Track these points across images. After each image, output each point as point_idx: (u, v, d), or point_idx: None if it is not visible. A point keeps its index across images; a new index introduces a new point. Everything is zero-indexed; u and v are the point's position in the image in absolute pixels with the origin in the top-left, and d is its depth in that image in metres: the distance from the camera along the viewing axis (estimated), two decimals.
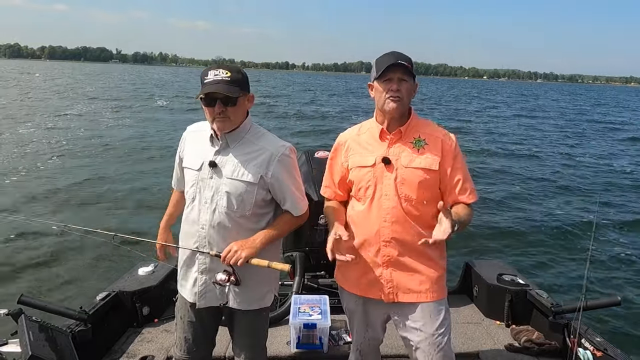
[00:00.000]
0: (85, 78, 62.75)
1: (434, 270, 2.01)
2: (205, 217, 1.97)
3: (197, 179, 2.00)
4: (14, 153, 12.46)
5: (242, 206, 1.96)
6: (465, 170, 2.00)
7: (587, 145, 19.06)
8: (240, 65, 2.29)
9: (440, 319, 1.99)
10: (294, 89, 58.38)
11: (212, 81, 1.86)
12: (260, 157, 1.95)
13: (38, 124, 18.31)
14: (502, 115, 31.90)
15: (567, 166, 14.05)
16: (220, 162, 1.96)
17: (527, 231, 7.77)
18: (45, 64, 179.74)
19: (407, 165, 1.94)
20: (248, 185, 1.94)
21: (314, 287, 3.46)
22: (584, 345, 2.74)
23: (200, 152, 2.00)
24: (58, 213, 7.66)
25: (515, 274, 3.57)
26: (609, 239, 7.52)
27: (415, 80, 1.94)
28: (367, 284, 2.05)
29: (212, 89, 1.84)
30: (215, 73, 1.87)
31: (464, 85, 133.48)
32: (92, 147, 13.85)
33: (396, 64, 1.87)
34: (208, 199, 1.97)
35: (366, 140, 2.04)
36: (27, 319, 2.32)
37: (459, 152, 2.00)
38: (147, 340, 3.09)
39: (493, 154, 15.83)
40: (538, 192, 10.57)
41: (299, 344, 2.98)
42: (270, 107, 29.93)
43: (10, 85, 35.75)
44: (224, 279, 1.96)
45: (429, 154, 1.95)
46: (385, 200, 1.95)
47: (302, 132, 19.06)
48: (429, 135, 1.99)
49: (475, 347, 3.11)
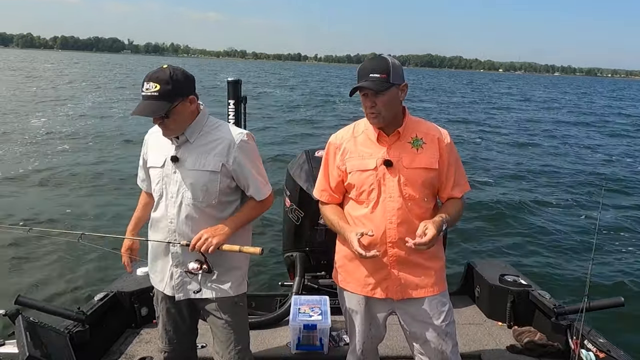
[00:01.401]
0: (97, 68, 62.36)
1: (436, 264, 2.08)
2: (172, 211, 2.04)
3: (162, 176, 2.06)
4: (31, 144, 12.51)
5: (208, 196, 2.02)
6: (459, 164, 2.09)
7: (593, 141, 18.92)
8: (252, 57, 2.30)
9: (445, 310, 2.08)
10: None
11: (143, 97, 1.91)
12: (220, 146, 2.01)
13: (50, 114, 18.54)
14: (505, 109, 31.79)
15: (570, 163, 13.99)
16: (182, 156, 2.02)
17: (529, 231, 7.72)
18: (58, 54, 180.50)
19: (409, 165, 1.97)
20: (211, 174, 2.00)
21: (314, 288, 3.44)
22: (586, 347, 2.73)
23: (162, 150, 2.07)
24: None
25: (518, 275, 3.55)
26: (613, 238, 7.48)
27: (401, 83, 1.93)
28: (373, 283, 2.07)
29: (139, 111, 1.89)
30: (146, 87, 1.90)
31: (479, 77, 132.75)
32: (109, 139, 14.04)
33: (364, 84, 1.88)
34: (174, 193, 2.03)
35: (363, 143, 2.04)
36: (25, 320, 2.30)
37: (454, 147, 2.07)
38: (145, 341, 3.08)
39: (492, 150, 15.82)
40: (540, 191, 10.53)
41: (299, 345, 2.96)
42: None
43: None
44: (195, 268, 2.01)
45: (428, 153, 1.99)
46: (389, 202, 1.97)
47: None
48: (425, 134, 2.02)
49: (477, 348, 3.09)
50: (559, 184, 11.28)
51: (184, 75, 1.95)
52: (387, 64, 1.90)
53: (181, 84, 1.93)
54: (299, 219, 3.43)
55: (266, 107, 24.73)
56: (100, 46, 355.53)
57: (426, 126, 2.05)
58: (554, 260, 6.58)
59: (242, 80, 3.64)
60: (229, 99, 3.53)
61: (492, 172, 12.37)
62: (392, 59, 1.94)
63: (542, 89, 67.39)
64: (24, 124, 16.04)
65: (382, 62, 1.91)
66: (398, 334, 2.66)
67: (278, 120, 20.32)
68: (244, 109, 3.58)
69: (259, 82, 50.29)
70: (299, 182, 3.37)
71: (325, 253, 3.52)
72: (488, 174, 12.09)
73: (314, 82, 57.72)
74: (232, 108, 3.51)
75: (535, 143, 17.81)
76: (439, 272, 2.08)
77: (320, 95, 35.45)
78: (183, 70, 1.97)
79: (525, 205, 9.24)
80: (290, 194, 3.51)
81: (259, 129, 16.31)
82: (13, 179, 9.43)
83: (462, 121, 23.35)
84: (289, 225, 3.55)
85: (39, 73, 47.98)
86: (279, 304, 3.48)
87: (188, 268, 2.02)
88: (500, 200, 9.43)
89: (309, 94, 36.85)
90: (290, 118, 21.12)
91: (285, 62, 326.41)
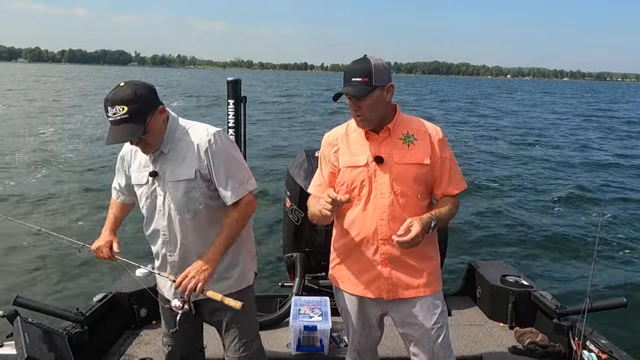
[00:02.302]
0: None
1: (429, 265, 2.04)
2: (163, 224, 2.04)
3: (148, 193, 2.05)
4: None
5: (192, 203, 1.99)
6: (453, 161, 2.04)
7: (595, 144, 18.88)
8: (258, 67, 2.27)
9: (437, 312, 2.03)
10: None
11: (112, 122, 1.80)
12: (190, 152, 1.96)
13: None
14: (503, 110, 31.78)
15: (571, 165, 13.96)
16: (160, 169, 2.00)
17: (531, 231, 7.70)
18: (65, 67, 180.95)
19: (400, 161, 1.95)
20: (187, 182, 1.97)
21: (314, 289, 3.43)
22: (589, 348, 2.71)
23: (142, 166, 2.05)
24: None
25: (519, 275, 3.54)
26: (615, 239, 7.45)
27: (385, 84, 1.91)
28: (365, 282, 2.05)
29: (114, 138, 1.80)
30: (112, 112, 1.79)
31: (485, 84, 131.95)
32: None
33: (344, 91, 1.88)
34: (161, 206, 2.02)
35: (356, 140, 2.04)
36: (23, 321, 2.29)
37: (447, 144, 2.04)
38: (145, 343, 3.06)
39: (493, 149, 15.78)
40: (542, 191, 10.50)
41: (300, 346, 2.95)
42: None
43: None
44: (178, 306, 1.98)
45: (420, 149, 1.97)
46: (380, 199, 1.95)
47: None
48: (416, 130, 2.00)
49: (479, 349, 3.07)
50: (563, 184, 11.25)
51: (146, 89, 1.86)
52: (369, 67, 1.88)
53: (147, 99, 1.85)
54: (300, 220, 3.42)
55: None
56: (107, 59, 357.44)
57: (418, 123, 2.04)
58: (556, 260, 6.56)
59: (241, 79, 3.63)
60: (229, 99, 3.52)
61: (495, 172, 12.36)
62: (376, 60, 1.90)
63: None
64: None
65: (364, 65, 1.89)
66: (398, 335, 2.64)
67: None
68: (243, 108, 3.57)
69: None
70: (299, 182, 3.36)
71: (326, 254, 3.47)
72: (491, 174, 12.08)
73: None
74: (232, 108, 3.50)
75: (538, 144, 17.81)
76: (432, 272, 2.04)
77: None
78: (143, 82, 1.89)
79: (527, 205, 9.22)
80: (290, 194, 3.49)
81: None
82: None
83: (464, 122, 23.30)
84: (289, 226, 3.54)
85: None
86: (279, 305, 3.46)
87: (171, 305, 2.00)
88: (501, 200, 9.41)
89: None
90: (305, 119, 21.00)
91: (291, 71, 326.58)
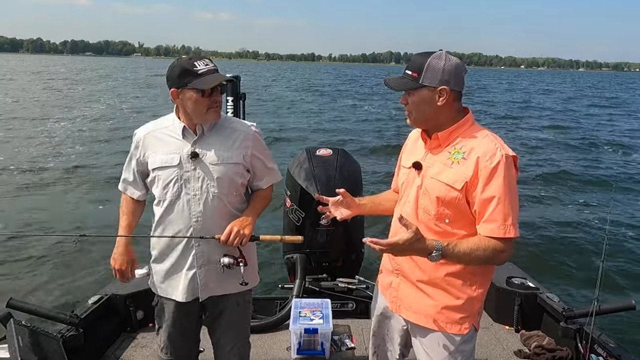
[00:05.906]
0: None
1: (449, 297, 1.78)
2: (197, 209, 1.99)
3: (178, 175, 2.00)
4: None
5: (234, 188, 2.04)
6: (503, 198, 1.66)
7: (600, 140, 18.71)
8: (264, 58, 2.30)
9: (445, 356, 1.81)
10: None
11: (210, 70, 1.91)
12: (237, 139, 2.05)
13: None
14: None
15: (579, 163, 13.83)
16: (202, 151, 2.00)
17: (537, 232, 7.63)
18: (67, 59, 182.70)
19: (434, 176, 1.78)
20: (235, 166, 2.02)
21: (315, 291, 3.39)
22: (596, 352, 2.67)
23: (171, 148, 2.01)
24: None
25: (525, 277, 3.49)
26: (625, 239, 7.37)
27: (435, 86, 1.72)
28: (383, 286, 2.00)
29: (218, 79, 1.91)
30: (205, 63, 1.92)
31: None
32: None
33: (386, 81, 1.81)
34: (197, 189, 1.99)
35: (413, 141, 1.99)
36: (16, 324, 2.27)
37: (502, 176, 1.66)
38: (141, 346, 3.03)
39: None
40: (548, 190, 10.41)
41: (300, 349, 2.91)
42: None
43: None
44: (232, 262, 1.99)
45: (459, 171, 1.71)
46: (406, 206, 1.88)
47: None
48: (470, 148, 1.73)
49: (484, 353, 3.03)
50: (571, 183, 11.17)
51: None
52: (423, 62, 1.74)
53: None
54: (300, 220, 3.38)
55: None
56: (110, 49, 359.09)
57: (478, 142, 1.73)
58: (563, 262, 6.51)
59: (240, 76, 3.59)
60: (228, 96, 3.48)
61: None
62: (435, 59, 1.72)
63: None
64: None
65: (420, 59, 1.75)
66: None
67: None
68: (243, 105, 3.53)
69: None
70: (300, 181, 3.32)
71: (327, 255, 3.47)
72: None
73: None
74: (231, 105, 3.46)
75: (546, 140, 17.72)
76: (450, 307, 1.77)
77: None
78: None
79: (533, 204, 9.14)
80: (290, 194, 3.45)
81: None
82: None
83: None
84: (289, 226, 3.51)
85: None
86: (279, 307, 3.42)
87: (225, 263, 1.99)
88: None
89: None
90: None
91: (299, 62, 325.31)
